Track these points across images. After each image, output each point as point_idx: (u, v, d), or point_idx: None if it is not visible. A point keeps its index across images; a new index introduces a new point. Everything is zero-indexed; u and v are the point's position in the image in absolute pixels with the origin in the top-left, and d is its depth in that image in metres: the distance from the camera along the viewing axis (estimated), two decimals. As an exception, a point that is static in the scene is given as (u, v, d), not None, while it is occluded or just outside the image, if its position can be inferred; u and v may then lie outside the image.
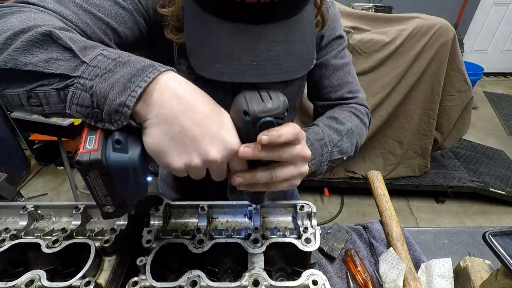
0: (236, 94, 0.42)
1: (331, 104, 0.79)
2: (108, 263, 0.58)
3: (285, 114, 0.40)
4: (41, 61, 0.38)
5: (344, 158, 0.70)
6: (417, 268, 0.76)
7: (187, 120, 0.38)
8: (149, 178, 0.47)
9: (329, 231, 0.85)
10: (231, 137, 0.40)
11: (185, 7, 0.49)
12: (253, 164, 0.44)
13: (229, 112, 0.43)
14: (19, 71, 0.38)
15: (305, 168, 0.45)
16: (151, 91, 0.38)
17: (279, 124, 0.40)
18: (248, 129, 0.40)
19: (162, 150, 0.39)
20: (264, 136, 0.38)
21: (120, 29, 0.54)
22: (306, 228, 0.61)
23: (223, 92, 0.66)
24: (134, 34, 0.58)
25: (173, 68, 0.41)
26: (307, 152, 0.44)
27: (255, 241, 0.58)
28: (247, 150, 0.40)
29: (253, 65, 0.44)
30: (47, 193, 2.58)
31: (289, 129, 0.40)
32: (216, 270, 0.64)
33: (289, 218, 0.67)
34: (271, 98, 0.40)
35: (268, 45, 0.44)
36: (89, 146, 0.38)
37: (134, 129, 0.41)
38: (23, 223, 0.64)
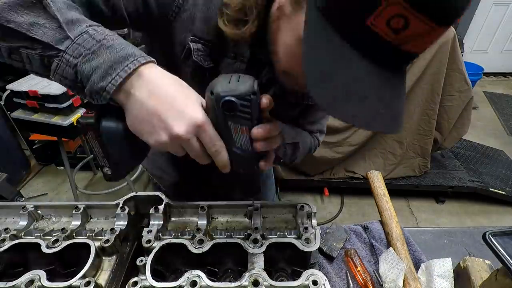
0: None
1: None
2: (108, 263, 0.58)
3: (252, 97, 0.43)
4: (26, 23, 0.41)
5: (286, 161, 0.79)
6: (417, 268, 0.76)
7: (153, 103, 0.42)
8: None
9: (327, 230, 0.85)
10: (194, 112, 0.43)
11: (309, 21, 0.42)
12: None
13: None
14: (1, 26, 0.41)
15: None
16: (129, 82, 0.42)
17: (243, 106, 0.43)
18: (213, 107, 0.43)
19: (137, 130, 0.44)
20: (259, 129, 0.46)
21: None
22: (306, 228, 0.61)
23: None
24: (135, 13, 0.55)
25: (152, 59, 0.44)
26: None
27: (255, 241, 0.58)
28: (259, 130, 0.46)
29: (380, 112, 0.41)
30: (47, 193, 2.58)
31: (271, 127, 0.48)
32: (216, 270, 0.64)
33: (289, 218, 0.67)
34: (238, 81, 0.43)
35: (393, 93, 0.42)
36: (91, 113, 0.47)
37: None
38: (23, 223, 0.64)
